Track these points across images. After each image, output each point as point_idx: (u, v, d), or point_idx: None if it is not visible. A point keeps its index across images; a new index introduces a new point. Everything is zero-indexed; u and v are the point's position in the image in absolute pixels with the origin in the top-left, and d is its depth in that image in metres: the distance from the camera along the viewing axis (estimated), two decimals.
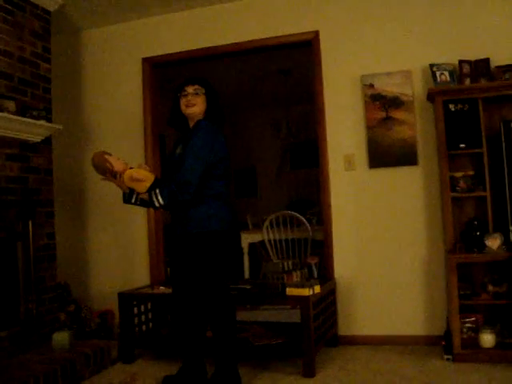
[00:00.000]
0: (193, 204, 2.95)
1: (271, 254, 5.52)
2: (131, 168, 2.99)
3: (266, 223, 5.53)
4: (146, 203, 3.01)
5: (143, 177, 2.94)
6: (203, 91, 3.08)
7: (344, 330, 4.08)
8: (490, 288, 3.51)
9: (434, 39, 3.95)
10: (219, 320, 3.05)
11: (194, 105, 3.06)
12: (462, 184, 3.64)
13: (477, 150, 3.60)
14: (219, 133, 3.07)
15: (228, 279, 3.17)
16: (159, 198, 2.88)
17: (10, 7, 3.75)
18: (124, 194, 3.06)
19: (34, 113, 3.78)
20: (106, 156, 2.99)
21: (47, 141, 4.01)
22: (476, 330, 3.54)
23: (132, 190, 3.00)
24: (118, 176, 2.96)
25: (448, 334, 3.54)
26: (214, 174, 2.99)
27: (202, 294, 3.04)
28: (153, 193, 2.91)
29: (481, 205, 3.66)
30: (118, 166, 2.96)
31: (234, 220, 3.15)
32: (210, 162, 2.95)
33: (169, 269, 4.83)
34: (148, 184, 2.94)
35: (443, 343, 3.56)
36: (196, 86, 3.07)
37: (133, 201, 3.04)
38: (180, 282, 3.14)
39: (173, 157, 3.12)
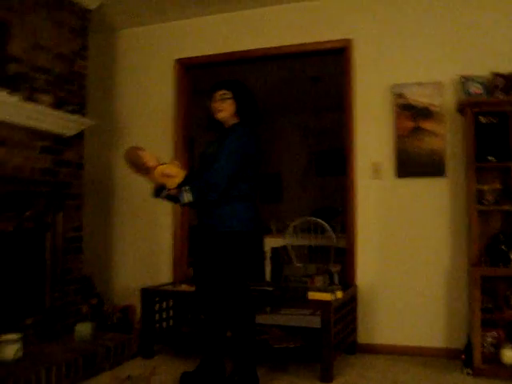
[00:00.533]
0: (218, 203, 2.99)
1: (294, 259, 5.53)
2: (163, 164, 3.05)
3: (290, 228, 5.54)
4: (174, 199, 3.06)
5: (174, 173, 3.00)
6: (230, 95, 3.12)
7: (363, 337, 4.07)
8: None
9: (465, 51, 3.94)
10: (239, 320, 3.08)
11: (221, 110, 3.12)
12: (488, 197, 3.62)
13: (505, 164, 3.57)
14: (253, 136, 3.09)
15: (249, 280, 3.20)
16: (189, 194, 2.93)
17: (51, 4, 3.86)
18: (155, 188, 3.12)
19: (69, 107, 3.88)
20: (139, 152, 3.05)
21: (79, 135, 4.10)
22: (497, 346, 3.50)
23: (162, 185, 3.05)
24: (149, 171, 3.02)
25: (469, 348, 3.51)
26: (242, 176, 3.03)
27: (223, 292, 3.07)
28: (183, 189, 2.95)
29: (507, 219, 3.63)
30: (150, 161, 3.02)
31: (259, 222, 3.18)
32: (242, 165, 2.99)
33: (192, 268, 4.91)
34: (178, 180, 2.99)
35: (463, 357, 3.53)
36: (222, 91, 3.13)
37: (162, 195, 3.09)
38: (203, 280, 3.18)
39: (204, 155, 3.17)
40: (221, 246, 3.01)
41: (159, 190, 3.09)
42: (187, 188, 2.94)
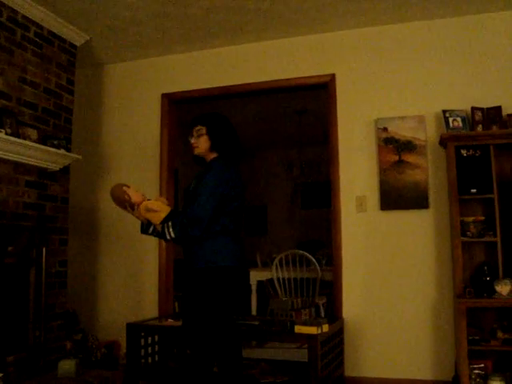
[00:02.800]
0: (201, 239, 2.99)
1: (279, 292, 5.51)
2: (148, 200, 3.05)
3: (276, 261, 5.54)
4: (160, 234, 3.05)
5: (158, 208, 2.99)
6: (204, 131, 3.10)
7: (351, 371, 4.04)
8: (500, 334, 3.49)
9: (447, 86, 4.05)
10: (225, 355, 3.05)
11: (196, 147, 3.12)
12: (472, 229, 3.66)
13: (488, 196, 3.63)
14: (232, 170, 3.09)
15: (235, 315, 3.17)
16: (170, 230, 2.93)
17: (39, 41, 3.92)
18: (142, 224, 3.11)
19: (55, 142, 3.89)
20: (125, 188, 3.06)
21: (65, 170, 4.10)
22: (485, 377, 3.49)
23: (149, 221, 3.05)
24: (135, 207, 3.01)
25: (456, 380, 3.50)
26: (225, 211, 3.03)
27: (209, 328, 3.04)
28: (165, 225, 2.95)
29: (491, 250, 3.67)
30: (135, 197, 3.01)
31: (242, 256, 3.16)
32: (223, 200, 2.99)
33: (176, 303, 4.87)
34: (163, 215, 2.98)
35: None
36: (198, 127, 3.13)
37: (150, 232, 3.08)
38: (188, 316, 3.15)
39: (187, 191, 3.18)
40: (205, 282, 2.99)
41: (146, 226, 3.09)
42: (170, 224, 2.94)
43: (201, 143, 3.11)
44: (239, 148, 3.24)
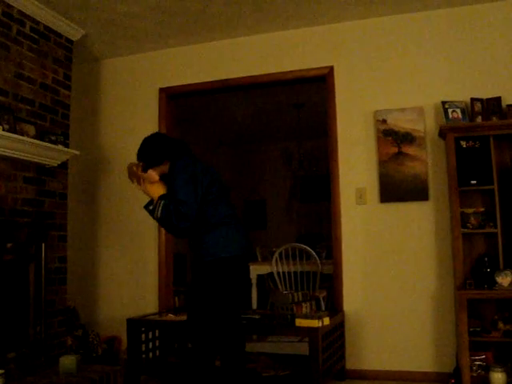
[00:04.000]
0: (202, 232, 2.99)
1: (280, 286, 5.51)
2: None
3: (276, 255, 5.53)
4: (152, 213, 3.09)
5: (159, 184, 3.09)
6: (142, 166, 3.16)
7: (352, 363, 4.04)
8: (501, 325, 3.49)
9: (446, 77, 4.03)
10: (229, 349, 3.05)
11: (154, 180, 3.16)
12: (472, 220, 3.66)
13: (488, 187, 3.62)
14: (191, 160, 3.10)
15: (239, 308, 3.17)
16: (160, 209, 2.97)
17: (35, 36, 3.89)
18: (148, 202, 3.15)
19: (52, 137, 3.87)
20: (135, 165, 3.19)
21: (63, 165, 4.08)
22: (486, 368, 3.49)
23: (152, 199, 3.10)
24: (141, 180, 3.10)
25: (457, 371, 3.50)
26: (210, 200, 3.03)
27: (213, 321, 3.03)
28: (158, 202, 3.00)
29: (491, 241, 3.66)
30: (139, 170, 3.13)
31: (246, 242, 3.15)
32: (201, 189, 3.00)
33: (177, 298, 4.87)
34: (162, 192, 3.05)
35: (452, 381, 3.52)
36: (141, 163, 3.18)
37: (150, 208, 3.10)
38: (193, 308, 3.14)
39: None
40: (211, 275, 2.99)
41: (149, 202, 3.14)
42: (162, 202, 2.99)
43: (155, 175, 3.14)
44: (181, 146, 3.22)
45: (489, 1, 3.96)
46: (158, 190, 3.08)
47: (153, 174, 3.12)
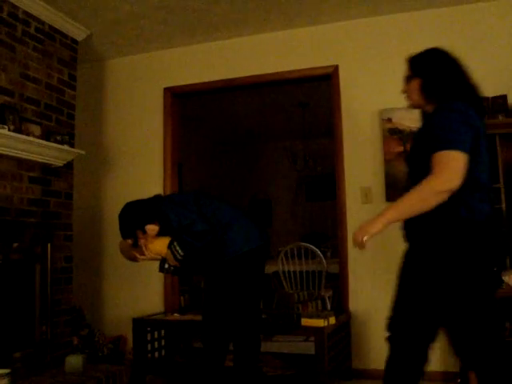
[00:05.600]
0: (219, 236, 3.01)
1: (285, 285, 5.50)
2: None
3: (281, 254, 5.53)
4: (177, 269, 3.10)
5: (159, 239, 3.07)
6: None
7: (358, 363, 4.03)
8: (508, 325, 3.47)
9: None
10: (245, 350, 3.05)
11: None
12: None
13: (494, 186, 3.60)
14: (180, 205, 3.10)
15: (258, 304, 3.19)
16: (177, 249, 2.96)
17: (41, 36, 3.90)
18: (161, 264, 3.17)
19: (58, 137, 3.88)
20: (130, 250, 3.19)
21: (69, 165, 4.09)
22: None
23: (163, 259, 3.10)
24: (143, 249, 3.10)
25: (464, 371, 3.48)
26: (210, 210, 3.07)
27: (233, 321, 3.04)
28: (172, 246, 2.99)
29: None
30: (137, 252, 3.14)
31: (265, 233, 3.17)
32: (195, 208, 3.03)
33: (182, 298, 4.87)
34: (167, 241, 3.04)
35: (459, 380, 3.51)
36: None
37: (166, 266, 3.11)
38: (213, 309, 3.13)
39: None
40: (232, 271, 3.01)
41: (162, 262, 3.15)
42: (175, 243, 2.98)
43: (153, 228, 3.12)
44: (149, 206, 3.18)
45: None
46: (164, 242, 3.05)
47: (151, 227, 3.07)
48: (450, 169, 1.99)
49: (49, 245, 3.81)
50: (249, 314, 3.07)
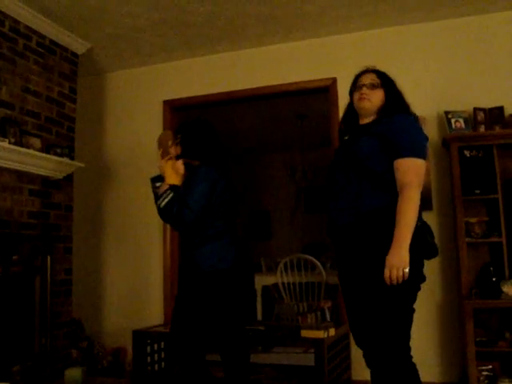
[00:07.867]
0: (195, 244, 2.97)
1: (284, 296, 5.51)
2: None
3: (281, 266, 5.53)
4: (157, 196, 2.99)
5: (181, 176, 2.99)
6: (178, 140, 3.11)
7: (358, 374, 4.02)
8: (508, 335, 3.48)
9: (449, 87, 4.04)
10: (232, 360, 3.03)
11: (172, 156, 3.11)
12: (477, 229, 3.65)
13: (492, 196, 3.63)
14: (218, 175, 3.02)
15: (240, 320, 3.15)
16: (165, 200, 2.89)
17: (42, 50, 3.94)
18: (158, 176, 3.09)
19: (58, 150, 3.91)
20: (172, 139, 3.11)
21: (69, 178, 4.11)
22: (493, 379, 3.47)
23: (162, 178, 3.02)
24: (166, 158, 3.04)
25: (464, 382, 3.49)
26: (216, 214, 3.00)
27: (202, 333, 2.99)
28: (167, 192, 2.92)
29: (496, 250, 3.66)
30: (174, 150, 3.06)
31: (240, 258, 3.11)
32: (211, 200, 2.96)
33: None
34: (176, 182, 2.96)
35: None
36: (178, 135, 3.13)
37: (157, 184, 3.03)
38: (182, 320, 3.07)
39: None
40: (205, 286, 2.96)
41: (158, 178, 3.06)
42: (170, 195, 2.90)
43: (176, 151, 3.10)
44: (220, 153, 3.16)
45: (491, 11, 3.98)
46: (174, 178, 2.97)
47: (181, 167, 3.02)
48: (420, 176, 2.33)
49: (48, 257, 3.83)
50: (227, 329, 3.03)
